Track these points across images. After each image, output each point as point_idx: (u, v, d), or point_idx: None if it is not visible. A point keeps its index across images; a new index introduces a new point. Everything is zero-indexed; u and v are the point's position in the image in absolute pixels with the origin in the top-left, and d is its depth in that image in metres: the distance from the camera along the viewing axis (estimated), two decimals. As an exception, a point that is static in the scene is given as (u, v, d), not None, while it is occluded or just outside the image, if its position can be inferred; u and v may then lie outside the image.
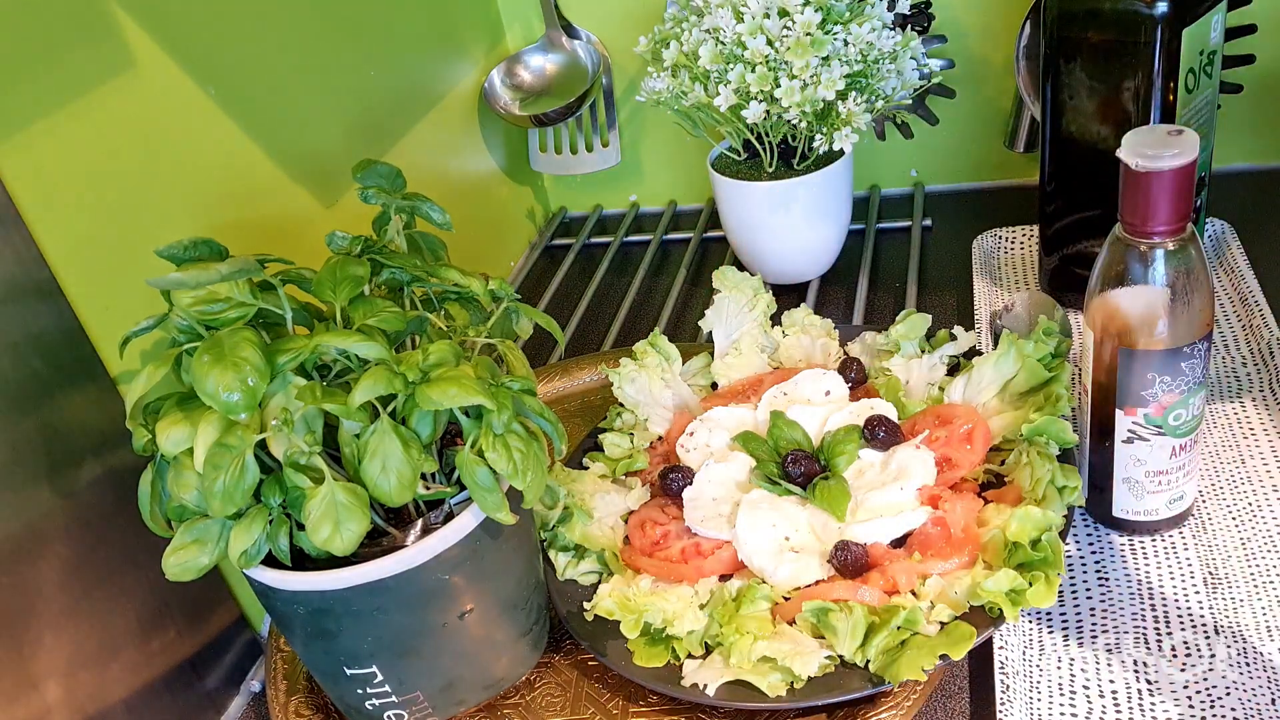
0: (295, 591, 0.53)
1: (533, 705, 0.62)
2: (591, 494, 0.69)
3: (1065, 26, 0.73)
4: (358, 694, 0.57)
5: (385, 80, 0.91)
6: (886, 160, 1.12)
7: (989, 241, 0.95)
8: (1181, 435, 0.60)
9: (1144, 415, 0.59)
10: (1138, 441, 0.61)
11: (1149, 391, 0.58)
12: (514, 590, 0.60)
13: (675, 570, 0.63)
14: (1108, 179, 0.55)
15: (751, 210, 0.93)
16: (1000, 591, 0.55)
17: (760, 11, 0.81)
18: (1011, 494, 0.62)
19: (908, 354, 0.74)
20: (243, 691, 0.68)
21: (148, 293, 0.51)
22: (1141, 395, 0.59)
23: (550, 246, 1.18)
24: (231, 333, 0.50)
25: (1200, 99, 0.73)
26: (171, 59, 0.66)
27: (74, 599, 0.56)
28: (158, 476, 0.53)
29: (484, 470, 0.52)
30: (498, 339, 0.62)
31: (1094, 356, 0.60)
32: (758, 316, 0.79)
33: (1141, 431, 0.60)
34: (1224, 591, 0.60)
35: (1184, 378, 0.58)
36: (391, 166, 0.63)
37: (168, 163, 0.65)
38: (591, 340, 0.98)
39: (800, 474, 0.65)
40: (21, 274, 0.54)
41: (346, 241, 0.60)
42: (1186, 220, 0.54)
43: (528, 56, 1.11)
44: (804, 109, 0.83)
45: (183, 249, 0.53)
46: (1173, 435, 0.60)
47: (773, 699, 0.55)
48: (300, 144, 0.79)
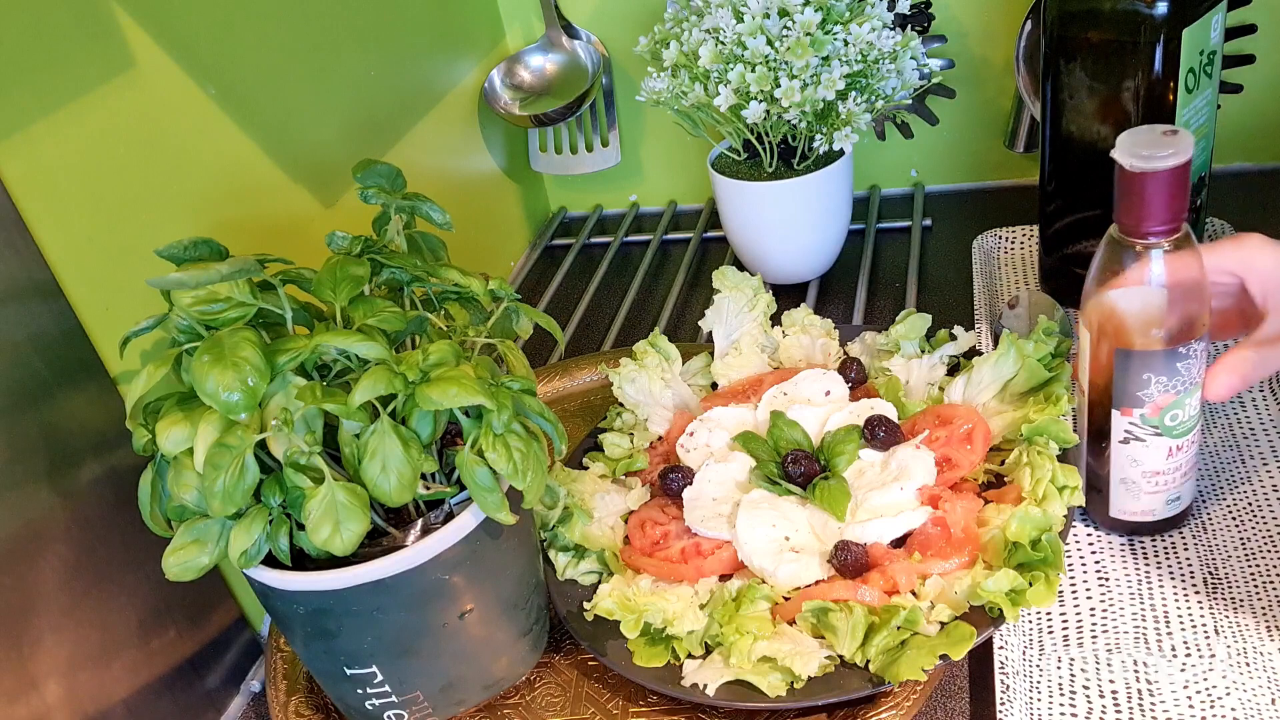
0: (295, 591, 0.53)
1: (533, 705, 0.62)
2: (591, 494, 0.69)
3: (1065, 26, 0.73)
4: (358, 694, 0.57)
5: (385, 80, 0.91)
6: (886, 160, 1.12)
7: (989, 241, 0.95)
8: (1179, 436, 0.60)
9: (1140, 416, 0.59)
10: (1134, 442, 0.60)
11: (1145, 392, 0.58)
12: (514, 590, 0.60)
13: (675, 570, 0.63)
14: (1108, 179, 0.55)
15: (751, 210, 0.93)
16: (1000, 591, 0.55)
17: (760, 11, 0.81)
18: (1011, 494, 0.62)
19: (908, 354, 0.74)
20: (243, 691, 0.68)
21: (148, 293, 0.51)
22: (1137, 396, 0.58)
23: (550, 246, 1.18)
24: (231, 333, 0.50)
25: (1200, 99, 0.73)
26: (171, 59, 0.66)
27: (74, 599, 0.56)
28: (158, 476, 0.53)
29: (484, 470, 0.52)
30: (498, 339, 0.62)
31: (1090, 357, 0.60)
32: (758, 316, 0.79)
33: (1138, 432, 0.60)
34: (1224, 591, 0.60)
35: (1180, 378, 0.57)
36: (391, 166, 0.63)
37: (168, 163, 0.65)
38: (591, 340, 0.98)
39: (800, 474, 0.65)
40: (21, 274, 0.54)
41: (346, 241, 0.60)
42: (1182, 220, 0.54)
43: (528, 56, 1.11)
44: (804, 109, 0.83)
45: (183, 249, 0.53)
46: (1169, 436, 0.60)
47: (773, 699, 0.55)
48: (300, 144, 0.79)
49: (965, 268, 0.95)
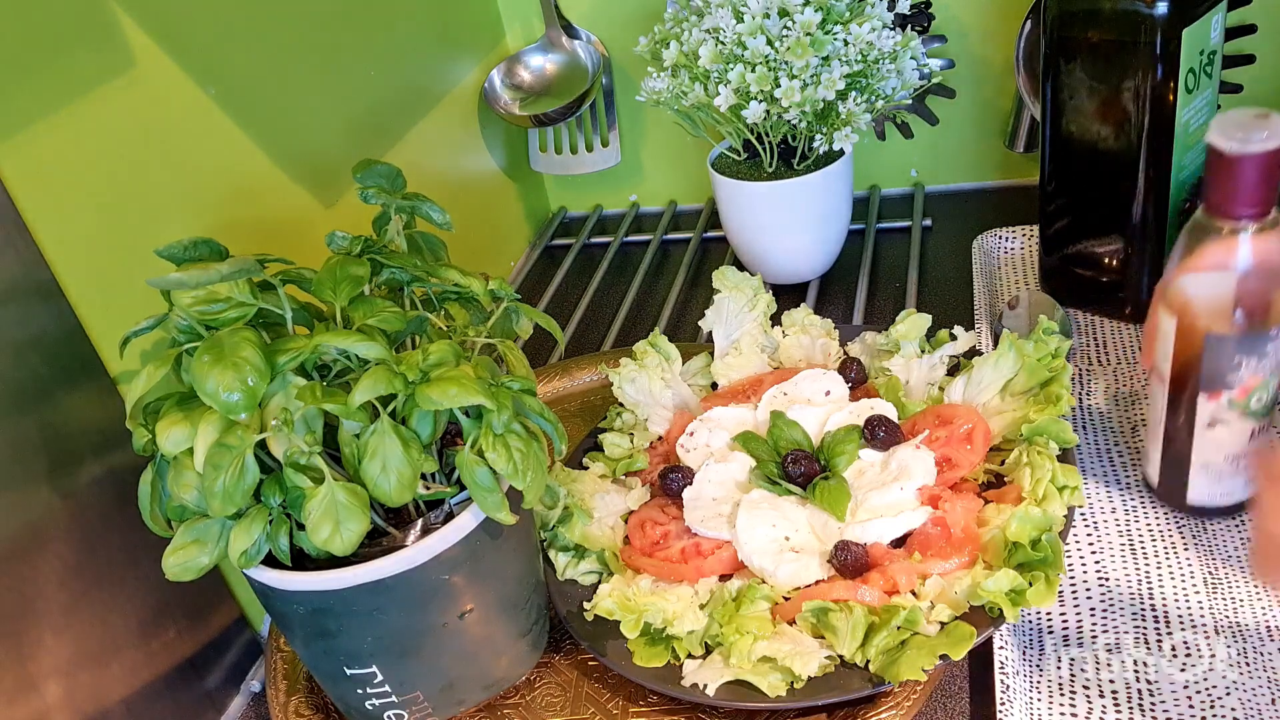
0: (295, 591, 0.53)
1: (533, 705, 0.62)
2: (591, 494, 0.69)
3: (1065, 27, 0.73)
4: (358, 694, 0.57)
5: (385, 80, 0.91)
6: (886, 160, 1.12)
7: (989, 241, 0.95)
8: (1261, 417, 0.61)
9: (1228, 399, 0.59)
10: (1219, 425, 0.61)
11: (1235, 375, 0.58)
12: (514, 590, 0.60)
13: (675, 570, 0.63)
14: (1108, 179, 0.55)
15: (751, 210, 0.93)
16: (1000, 591, 0.55)
17: (760, 11, 0.81)
18: (1011, 494, 0.62)
19: (908, 354, 0.74)
20: (243, 691, 0.68)
21: (148, 293, 0.50)
22: (1226, 379, 0.59)
23: (550, 246, 1.18)
24: (231, 333, 0.50)
25: (1200, 99, 0.73)
26: (171, 59, 0.66)
27: (74, 599, 0.56)
28: (158, 476, 0.53)
29: (484, 470, 0.52)
30: (498, 339, 0.62)
31: (1174, 343, 0.60)
32: (758, 316, 0.79)
33: (1224, 415, 0.60)
34: (1224, 591, 0.60)
35: (1268, 360, 0.58)
36: (391, 166, 0.63)
37: (168, 163, 0.65)
38: (591, 340, 0.98)
39: (800, 474, 0.65)
40: (21, 274, 0.54)
41: (346, 241, 0.60)
42: (1273, 203, 0.55)
43: (528, 56, 1.11)
44: (804, 109, 0.83)
45: (183, 249, 0.53)
46: (1253, 418, 0.60)
47: (773, 699, 0.55)
48: (300, 144, 0.79)
49: (965, 268, 0.95)
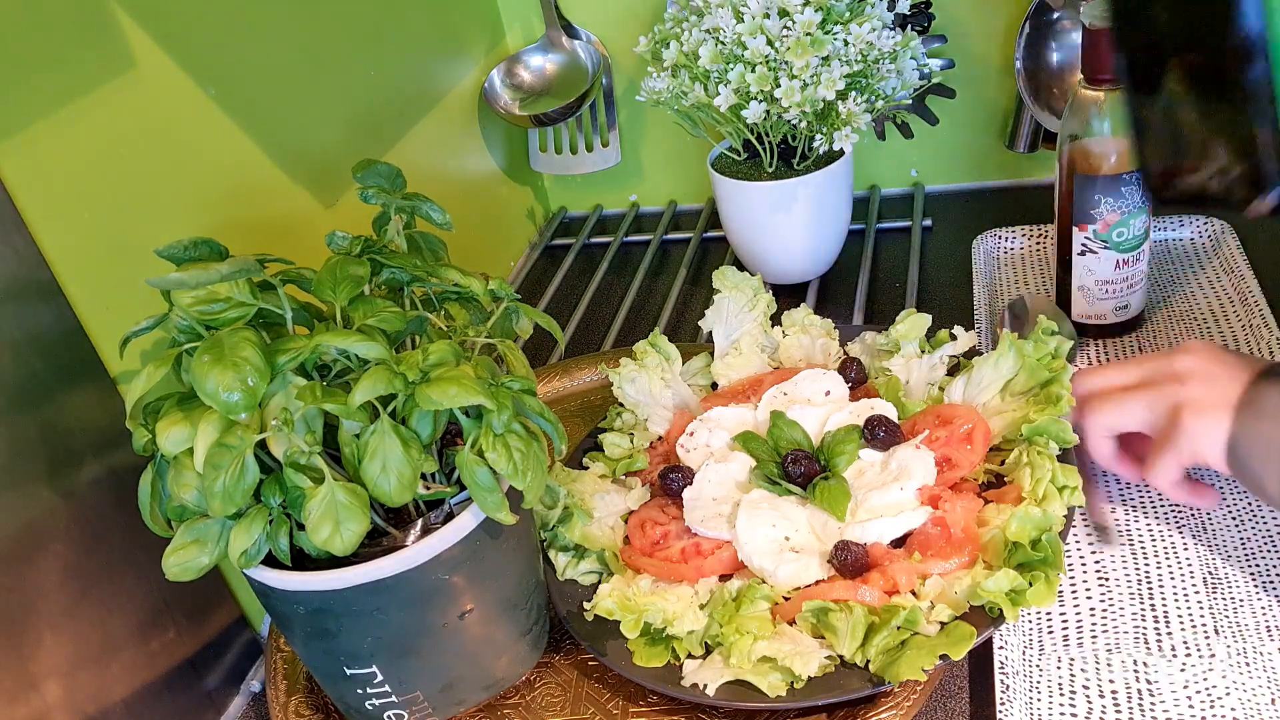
0: (295, 591, 0.53)
1: (533, 705, 0.62)
2: (591, 494, 0.69)
3: None
4: (358, 694, 0.57)
5: (385, 80, 0.91)
6: (886, 160, 1.12)
7: (989, 241, 0.95)
8: (1125, 251, 0.76)
9: (1093, 230, 0.75)
10: (1089, 254, 0.76)
11: (1096, 210, 0.74)
12: (514, 590, 0.60)
13: (675, 570, 0.63)
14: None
15: (751, 210, 0.93)
16: (1000, 591, 0.55)
17: (760, 11, 0.81)
18: (1011, 494, 0.62)
19: (908, 354, 0.74)
20: (243, 691, 0.68)
21: (148, 293, 0.50)
22: (1090, 214, 0.74)
23: (550, 246, 1.18)
24: (231, 333, 0.50)
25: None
26: (171, 59, 0.66)
27: (74, 599, 0.56)
28: (158, 476, 0.53)
29: (484, 470, 0.52)
30: (498, 339, 0.62)
31: (1058, 187, 0.76)
32: (758, 316, 0.79)
33: (1091, 245, 0.76)
34: (1224, 591, 0.60)
35: (1124, 200, 0.73)
36: (391, 166, 0.63)
37: (168, 163, 0.65)
38: (591, 340, 0.98)
39: (800, 474, 0.65)
40: (21, 274, 0.54)
41: (346, 241, 0.60)
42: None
43: (528, 56, 1.11)
44: (804, 109, 0.83)
45: (183, 249, 0.53)
46: (1117, 250, 0.75)
47: (773, 699, 0.55)
48: (300, 144, 0.79)
49: (965, 268, 0.95)
